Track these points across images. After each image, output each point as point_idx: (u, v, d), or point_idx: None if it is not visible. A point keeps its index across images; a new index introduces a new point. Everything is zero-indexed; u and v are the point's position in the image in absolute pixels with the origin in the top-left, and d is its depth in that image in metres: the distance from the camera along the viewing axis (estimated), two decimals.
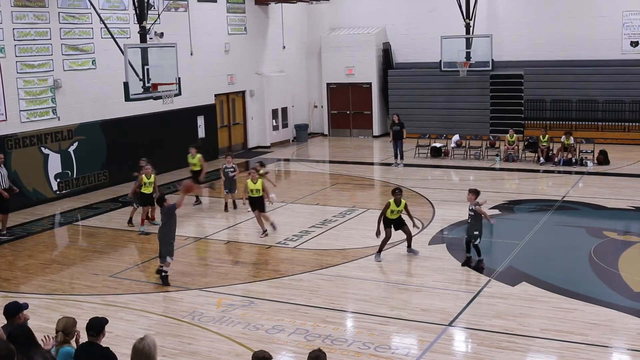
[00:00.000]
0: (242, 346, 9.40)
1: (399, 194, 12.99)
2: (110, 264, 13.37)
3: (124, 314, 10.74)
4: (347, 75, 29.19)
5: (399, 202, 12.95)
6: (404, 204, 13.04)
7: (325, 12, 29.82)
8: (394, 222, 13.17)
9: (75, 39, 19.36)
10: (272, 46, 27.96)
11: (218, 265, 13.24)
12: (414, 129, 25.36)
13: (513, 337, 9.46)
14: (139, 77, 17.10)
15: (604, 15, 25.61)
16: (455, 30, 26.06)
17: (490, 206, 16.61)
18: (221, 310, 10.74)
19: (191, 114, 23.64)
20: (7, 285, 12.34)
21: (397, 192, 13.01)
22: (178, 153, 20.23)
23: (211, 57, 24.44)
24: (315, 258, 13.35)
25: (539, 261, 12.81)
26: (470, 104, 27.32)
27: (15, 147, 17.80)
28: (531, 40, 26.73)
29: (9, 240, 15.25)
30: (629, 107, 25.05)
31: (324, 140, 29.50)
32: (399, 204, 12.97)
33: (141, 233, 15.38)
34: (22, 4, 17.88)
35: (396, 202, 12.93)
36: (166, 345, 9.35)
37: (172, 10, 22.63)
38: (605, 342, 9.32)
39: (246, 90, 26.78)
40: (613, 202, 17.03)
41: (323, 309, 10.73)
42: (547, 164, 21.70)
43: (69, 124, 19.22)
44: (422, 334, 9.73)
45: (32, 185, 18.21)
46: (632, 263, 12.61)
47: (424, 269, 12.77)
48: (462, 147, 24.07)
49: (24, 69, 18.01)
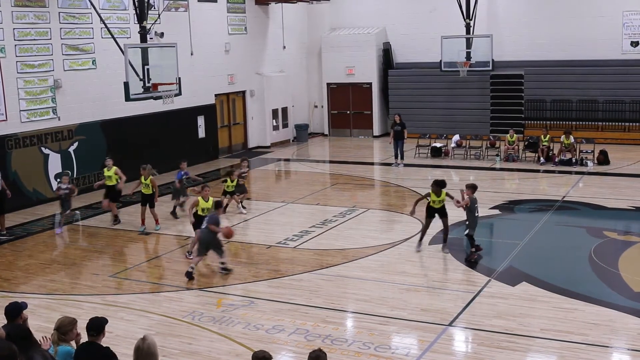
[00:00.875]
0: (242, 346, 9.40)
1: (438, 186, 13.27)
2: (110, 264, 13.38)
3: (124, 314, 10.74)
4: (348, 75, 29.19)
5: (439, 193, 13.29)
6: (444, 195, 13.32)
7: (326, 12, 29.83)
8: (438, 211, 13.50)
9: (75, 39, 19.36)
10: (272, 46, 27.96)
11: (218, 265, 13.23)
12: (414, 129, 25.36)
13: (513, 337, 9.46)
14: (139, 77, 17.10)
15: (604, 15, 25.62)
16: (455, 30, 26.06)
17: (490, 206, 16.66)
18: (221, 310, 10.74)
19: (191, 114, 23.65)
20: (7, 285, 12.34)
21: (436, 184, 13.32)
22: (178, 153, 20.24)
23: (211, 57, 24.45)
24: (315, 258, 13.36)
25: (539, 261, 12.81)
26: (471, 104, 27.33)
27: (16, 147, 17.81)
28: (531, 40, 26.74)
29: (9, 240, 15.25)
30: (629, 107, 25.05)
31: (324, 140, 29.51)
32: (439, 195, 13.31)
33: (141, 233, 15.40)
34: (22, 3, 17.88)
35: (436, 194, 13.30)
36: (166, 345, 9.34)
37: (172, 10, 22.63)
38: (605, 342, 9.32)
39: (246, 90, 26.78)
40: (613, 202, 17.03)
41: (323, 309, 10.73)
42: (547, 164, 21.70)
43: (69, 124, 19.23)
44: (422, 334, 9.73)
45: (32, 185, 18.21)
46: (632, 263, 12.61)
47: (424, 269, 12.78)
48: (462, 147, 24.07)
49: (24, 69, 18.01)
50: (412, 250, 13.66)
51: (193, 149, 23.21)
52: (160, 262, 13.50)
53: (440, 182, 13.39)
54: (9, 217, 16.36)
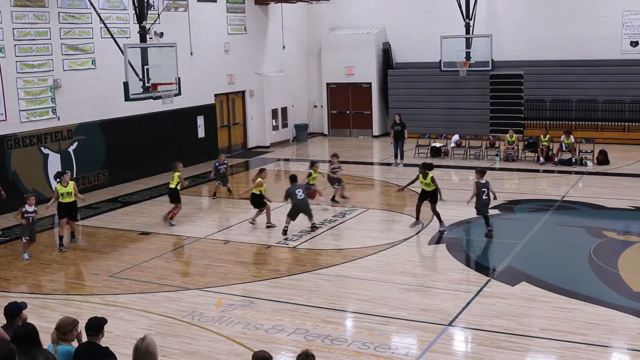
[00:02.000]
0: (242, 346, 9.40)
1: (424, 168, 14.39)
2: (110, 264, 13.37)
3: (124, 313, 10.74)
4: (347, 75, 29.19)
5: (425, 175, 14.33)
6: (430, 177, 14.30)
7: (325, 12, 29.83)
8: (429, 195, 14.50)
9: (75, 38, 19.36)
10: (272, 46, 27.96)
11: (218, 265, 13.24)
12: (414, 129, 25.36)
13: (513, 337, 9.46)
14: (139, 77, 17.11)
15: (604, 15, 25.61)
16: (455, 30, 26.06)
17: (490, 206, 16.64)
18: (221, 310, 10.74)
19: (191, 113, 23.65)
20: (7, 285, 12.35)
21: (422, 166, 14.50)
22: (178, 153, 20.25)
23: (211, 57, 24.45)
24: (315, 258, 13.36)
25: (539, 261, 12.81)
26: (470, 104, 27.33)
27: (15, 147, 17.80)
28: (531, 40, 26.74)
29: (9, 240, 15.24)
30: (628, 107, 25.05)
31: (323, 140, 29.50)
32: (425, 177, 14.33)
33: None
34: (22, 3, 17.88)
35: (422, 175, 14.37)
36: (166, 345, 9.34)
37: (172, 10, 22.63)
38: (605, 342, 9.32)
39: (246, 90, 26.78)
40: (613, 202, 17.03)
41: (323, 308, 10.73)
42: (547, 164, 21.70)
43: (69, 123, 19.23)
44: (422, 333, 9.73)
45: (32, 185, 18.19)
46: (631, 263, 12.61)
47: (424, 269, 12.79)
48: (462, 147, 24.07)
49: (23, 68, 18.01)
50: (412, 250, 13.66)
51: (193, 149, 23.22)
52: (160, 262, 13.49)
53: (427, 165, 14.50)
54: (9, 217, 16.34)
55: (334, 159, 18.50)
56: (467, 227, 15.12)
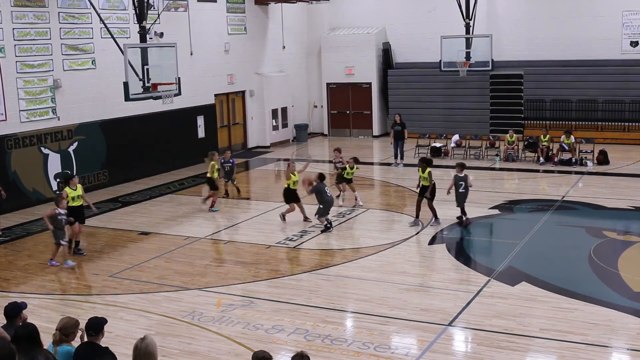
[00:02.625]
0: (242, 346, 9.40)
1: (422, 162, 14.91)
2: (110, 264, 13.37)
3: (124, 313, 10.74)
4: (347, 75, 29.19)
5: (423, 169, 14.81)
6: (427, 172, 14.77)
7: (325, 12, 29.82)
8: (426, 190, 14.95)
9: (75, 38, 19.36)
10: (272, 46, 27.96)
11: (218, 265, 13.24)
12: (414, 129, 25.36)
13: (513, 337, 9.46)
14: (139, 77, 17.10)
15: (604, 15, 25.61)
16: (455, 30, 26.06)
17: (490, 206, 16.68)
18: (221, 310, 10.74)
19: (191, 113, 23.64)
20: (7, 285, 12.34)
21: (421, 160, 15.03)
22: (178, 153, 20.24)
23: (211, 57, 24.44)
24: (315, 258, 13.36)
25: (538, 261, 12.81)
26: (470, 104, 27.33)
27: (15, 147, 17.80)
28: (531, 40, 26.74)
29: (9, 240, 15.25)
30: (628, 107, 25.05)
31: (323, 140, 29.50)
32: (423, 172, 14.77)
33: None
34: (22, 3, 17.87)
35: (421, 169, 14.84)
36: (166, 345, 9.34)
37: (172, 10, 22.62)
38: (605, 342, 9.32)
39: (246, 90, 26.78)
40: (613, 202, 17.03)
41: (323, 308, 10.73)
42: (547, 164, 21.70)
43: (69, 123, 19.22)
44: (422, 333, 9.73)
45: (32, 185, 18.20)
46: (631, 263, 12.61)
47: (423, 269, 12.79)
48: (462, 147, 24.07)
49: (23, 68, 18.00)
50: (412, 250, 13.66)
51: (192, 149, 23.20)
52: (160, 262, 13.49)
53: (426, 160, 15.03)
54: (9, 217, 16.36)
55: (337, 152, 18.70)
56: (467, 227, 15.10)
